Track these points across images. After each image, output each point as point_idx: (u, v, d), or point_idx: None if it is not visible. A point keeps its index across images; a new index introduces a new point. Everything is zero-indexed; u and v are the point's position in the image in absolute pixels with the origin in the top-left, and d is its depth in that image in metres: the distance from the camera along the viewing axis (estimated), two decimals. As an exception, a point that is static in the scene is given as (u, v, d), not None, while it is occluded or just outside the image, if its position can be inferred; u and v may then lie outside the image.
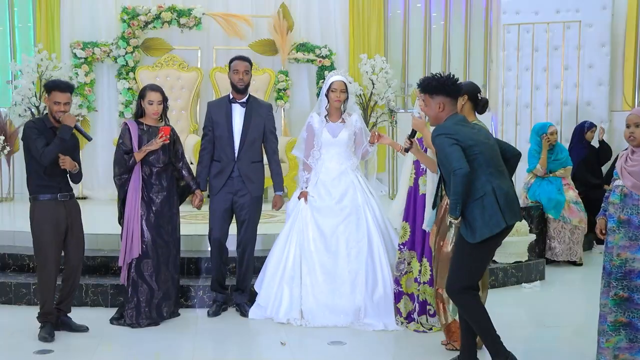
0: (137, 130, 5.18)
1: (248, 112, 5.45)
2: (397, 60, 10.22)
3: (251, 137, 5.43)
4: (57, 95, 4.83)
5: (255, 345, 5.02)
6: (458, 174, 3.95)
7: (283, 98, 9.40)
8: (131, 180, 5.14)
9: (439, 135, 4.08)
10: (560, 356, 4.69)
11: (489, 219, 4.02)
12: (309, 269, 5.26)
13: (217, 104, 5.62)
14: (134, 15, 9.03)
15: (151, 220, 5.16)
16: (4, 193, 8.80)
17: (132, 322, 5.13)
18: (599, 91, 9.00)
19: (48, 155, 4.75)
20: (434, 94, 4.18)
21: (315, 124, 5.42)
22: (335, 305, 5.18)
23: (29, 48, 9.26)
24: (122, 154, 5.16)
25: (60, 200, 4.87)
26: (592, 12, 8.93)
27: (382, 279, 5.23)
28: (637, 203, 4.13)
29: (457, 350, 4.64)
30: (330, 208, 5.32)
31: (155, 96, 5.20)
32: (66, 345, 4.79)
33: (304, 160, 5.45)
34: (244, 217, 5.44)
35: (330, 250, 5.27)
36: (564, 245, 7.26)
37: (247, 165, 5.42)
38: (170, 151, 5.27)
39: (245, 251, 5.48)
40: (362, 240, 5.27)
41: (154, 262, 5.17)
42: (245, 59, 5.55)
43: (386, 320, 5.14)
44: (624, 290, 4.14)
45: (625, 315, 4.18)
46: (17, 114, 8.68)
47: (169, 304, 5.27)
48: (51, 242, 4.84)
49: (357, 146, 5.51)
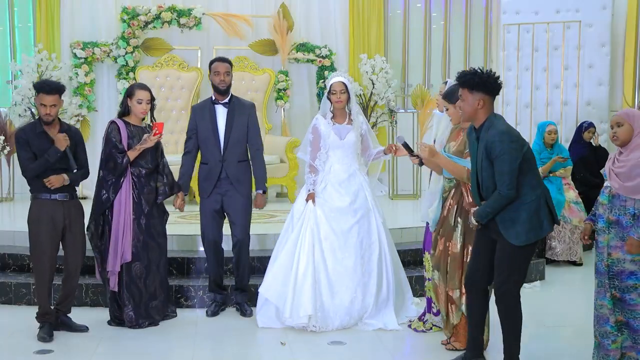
0: (126, 130, 5.13)
1: (230, 112, 5.46)
2: (397, 60, 10.21)
3: (235, 136, 5.43)
4: (43, 97, 4.76)
5: (255, 345, 5.02)
6: (506, 196, 3.98)
7: (283, 98, 9.40)
8: (123, 183, 5.07)
9: (502, 142, 3.95)
10: (560, 356, 4.70)
11: (537, 223, 4.04)
12: (323, 270, 5.17)
13: (201, 107, 5.62)
14: (134, 15, 9.03)
15: (142, 223, 5.13)
16: (4, 193, 8.80)
17: (132, 324, 5.11)
18: (599, 91, 9.00)
19: (30, 173, 4.75)
20: (474, 89, 4.07)
21: (322, 126, 5.36)
22: (346, 307, 5.13)
23: (29, 48, 9.25)
24: (113, 153, 5.02)
25: (59, 200, 4.86)
26: (592, 12, 8.92)
27: (386, 280, 5.25)
28: (625, 204, 4.14)
29: (457, 350, 4.65)
30: (344, 209, 5.26)
31: (144, 95, 5.15)
32: (66, 345, 4.79)
33: (310, 162, 5.38)
34: (235, 218, 5.44)
35: (344, 250, 5.21)
36: (564, 245, 7.26)
37: (234, 165, 5.42)
38: (157, 151, 5.23)
39: (240, 251, 5.47)
40: (375, 241, 5.28)
41: (144, 265, 5.15)
42: (225, 60, 5.54)
43: (386, 319, 5.14)
44: (616, 290, 4.18)
45: (623, 314, 4.20)
46: (17, 114, 8.67)
47: (156, 304, 5.24)
48: (46, 241, 4.83)
49: (364, 149, 5.49)
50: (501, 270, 4.13)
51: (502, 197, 3.98)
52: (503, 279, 4.13)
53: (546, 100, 9.07)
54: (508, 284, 4.12)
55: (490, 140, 4.00)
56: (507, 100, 9.19)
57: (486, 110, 4.10)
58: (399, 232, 6.37)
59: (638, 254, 4.07)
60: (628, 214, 4.12)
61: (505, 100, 9.19)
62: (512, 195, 3.98)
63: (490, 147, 3.99)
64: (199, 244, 6.14)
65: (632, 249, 4.08)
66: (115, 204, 5.06)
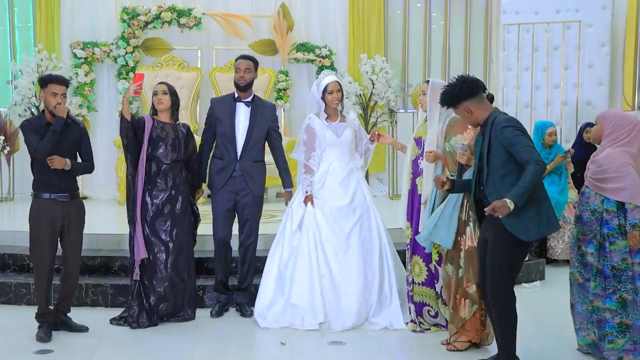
0: (151, 125, 5.16)
1: (253, 112, 5.45)
2: (397, 60, 10.22)
3: (255, 136, 5.44)
4: (54, 87, 4.80)
5: (255, 345, 5.02)
6: (541, 164, 3.91)
7: (283, 98, 9.40)
8: (137, 179, 5.11)
9: (509, 127, 3.99)
10: (560, 356, 4.69)
11: (546, 220, 4.06)
12: (327, 272, 5.16)
13: (221, 101, 5.61)
14: (134, 15, 9.03)
15: (147, 220, 5.14)
16: (4, 193, 8.80)
17: (133, 322, 5.12)
18: (599, 91, 9.00)
19: (42, 150, 4.72)
20: (455, 104, 4.15)
21: (316, 126, 5.35)
22: (351, 308, 5.12)
23: (29, 48, 9.26)
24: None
25: (58, 200, 4.85)
26: (592, 12, 8.92)
27: (388, 278, 5.25)
28: (588, 200, 4.43)
29: (458, 350, 4.65)
30: (344, 209, 5.25)
31: (160, 87, 5.24)
32: (66, 345, 4.79)
33: (305, 162, 5.36)
34: (247, 217, 5.44)
35: (347, 251, 5.20)
36: (564, 244, 7.26)
37: (249, 164, 5.42)
38: (181, 148, 5.24)
39: (248, 250, 5.47)
40: (375, 240, 5.27)
41: (148, 262, 5.15)
42: (248, 58, 5.56)
43: (392, 318, 5.14)
44: (581, 276, 4.55)
45: (630, 317, 4.36)
46: (17, 114, 8.68)
47: (166, 305, 5.22)
48: (44, 240, 4.82)
49: (358, 144, 5.51)
50: (494, 268, 4.13)
51: (539, 165, 3.90)
52: (494, 277, 4.14)
53: (546, 100, 9.07)
54: (501, 281, 4.12)
55: (498, 129, 4.03)
56: (507, 100, 9.18)
57: (481, 109, 4.13)
58: (398, 232, 6.35)
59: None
60: (588, 210, 4.43)
61: (505, 100, 9.19)
62: (544, 166, 3.95)
63: (501, 134, 4.00)
64: (201, 244, 6.11)
65: (635, 241, 4.27)
66: (135, 199, 5.11)
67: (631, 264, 4.34)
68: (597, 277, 4.42)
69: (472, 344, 4.69)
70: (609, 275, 4.38)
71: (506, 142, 3.98)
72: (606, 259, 4.38)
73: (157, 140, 5.15)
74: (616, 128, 4.37)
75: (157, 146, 5.15)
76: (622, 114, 4.55)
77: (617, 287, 4.36)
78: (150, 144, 5.14)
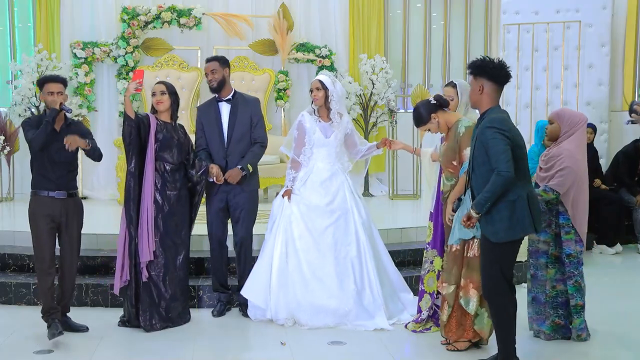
0: (156, 124, 5.15)
1: (233, 108, 5.48)
2: (397, 60, 10.22)
3: (238, 132, 5.45)
4: (50, 85, 4.84)
5: (255, 345, 5.02)
6: (504, 176, 3.92)
7: (283, 98, 9.40)
8: (145, 179, 5.07)
9: (492, 127, 3.98)
10: (560, 355, 4.69)
11: (516, 222, 4.04)
12: (296, 267, 5.23)
13: (206, 106, 5.64)
14: (134, 15, 9.03)
15: (160, 220, 5.13)
16: (4, 193, 8.80)
17: (146, 325, 5.07)
18: (599, 91, 9.00)
19: (36, 140, 4.74)
20: (477, 75, 4.12)
21: (307, 122, 5.43)
22: (323, 305, 5.16)
23: (29, 48, 9.26)
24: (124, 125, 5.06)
25: (56, 198, 4.86)
26: (592, 12, 8.93)
27: (369, 282, 5.26)
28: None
29: (458, 350, 4.65)
30: (320, 208, 5.32)
31: (158, 88, 5.23)
32: (66, 345, 4.79)
33: (294, 157, 5.45)
34: (240, 215, 5.45)
35: (318, 249, 5.26)
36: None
37: (238, 160, 5.41)
38: (182, 149, 5.25)
39: (243, 249, 5.48)
40: (351, 243, 5.30)
41: (162, 263, 5.14)
42: (210, 60, 5.52)
43: (377, 320, 5.15)
44: (534, 268, 4.97)
45: (535, 289, 5.01)
46: (17, 114, 8.68)
47: (176, 305, 5.22)
48: (43, 235, 4.83)
49: (351, 147, 5.54)
50: (484, 267, 4.17)
51: (501, 176, 3.92)
52: (485, 278, 4.17)
53: (546, 100, 9.07)
54: (492, 282, 4.13)
55: (482, 127, 4.06)
56: (507, 100, 9.19)
57: (489, 99, 4.13)
58: (398, 232, 6.37)
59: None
60: (544, 201, 4.76)
61: (505, 100, 9.19)
62: (510, 176, 3.92)
63: (482, 134, 4.03)
64: (201, 244, 6.12)
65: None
66: (141, 199, 5.05)
67: (579, 252, 4.80)
68: (555, 263, 4.87)
69: (472, 344, 4.70)
70: (565, 262, 4.81)
71: (485, 142, 4.02)
72: (562, 248, 4.80)
73: (164, 141, 5.14)
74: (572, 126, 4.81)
75: (163, 147, 5.14)
76: (574, 113, 4.98)
77: (573, 272, 4.81)
78: (156, 144, 5.12)
